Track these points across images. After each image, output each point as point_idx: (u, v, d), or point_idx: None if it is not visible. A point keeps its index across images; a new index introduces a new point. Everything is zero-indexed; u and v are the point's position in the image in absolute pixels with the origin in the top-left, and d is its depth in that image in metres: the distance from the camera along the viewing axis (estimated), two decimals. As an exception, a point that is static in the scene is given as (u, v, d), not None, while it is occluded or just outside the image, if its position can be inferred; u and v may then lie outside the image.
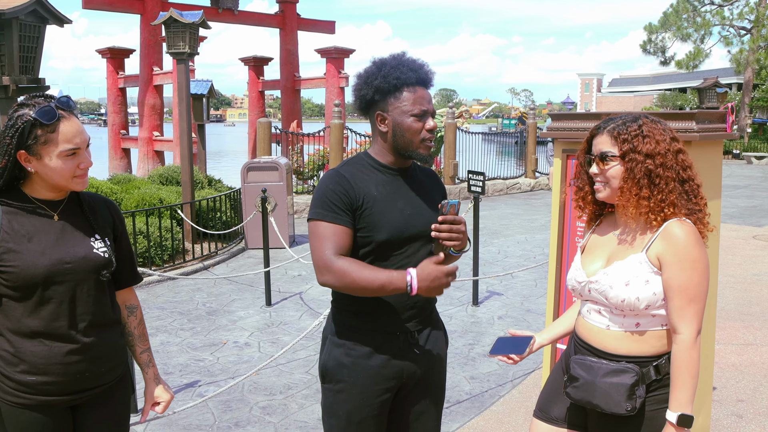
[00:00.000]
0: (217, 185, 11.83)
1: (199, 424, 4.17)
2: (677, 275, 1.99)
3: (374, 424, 2.28)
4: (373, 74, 2.21)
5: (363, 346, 2.24)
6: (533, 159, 17.22)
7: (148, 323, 6.20)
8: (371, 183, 2.23)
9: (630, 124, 2.09)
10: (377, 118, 2.24)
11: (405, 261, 2.23)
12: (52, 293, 1.97)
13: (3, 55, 7.36)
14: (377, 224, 2.19)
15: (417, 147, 2.22)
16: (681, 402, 1.97)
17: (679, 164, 2.07)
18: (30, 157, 1.94)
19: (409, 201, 2.26)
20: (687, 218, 2.05)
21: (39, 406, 1.99)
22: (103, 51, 20.99)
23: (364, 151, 2.34)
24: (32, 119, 1.90)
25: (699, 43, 32.21)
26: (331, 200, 2.16)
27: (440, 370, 2.40)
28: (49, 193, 2.03)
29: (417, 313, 2.28)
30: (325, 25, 23.04)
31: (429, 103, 2.22)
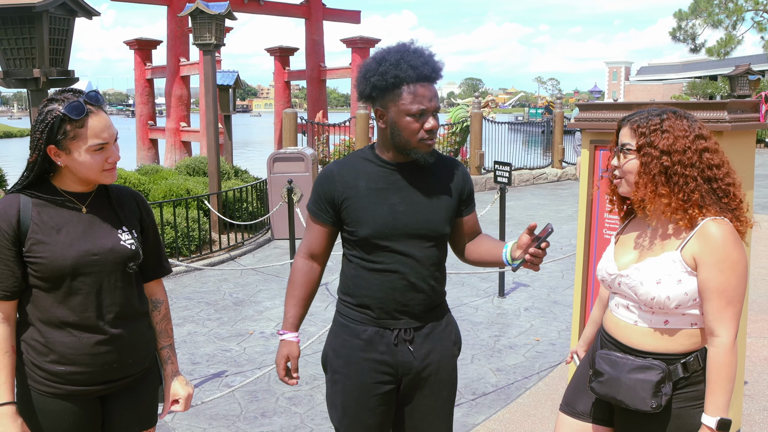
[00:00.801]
0: (243, 176, 11.90)
1: (226, 414, 4.21)
2: (715, 277, 1.94)
3: (371, 417, 2.26)
4: (371, 70, 2.14)
5: (356, 338, 2.25)
6: (560, 149, 17.05)
7: (176, 313, 6.27)
8: (362, 177, 2.20)
9: (652, 118, 2.03)
10: (376, 113, 2.19)
11: (398, 259, 2.19)
12: (80, 284, 2.00)
13: (34, 47, 7.44)
14: (360, 219, 2.18)
15: (415, 146, 2.15)
16: (719, 406, 1.93)
17: (703, 163, 1.99)
18: (59, 152, 1.97)
19: (405, 197, 2.20)
20: (723, 216, 1.99)
21: (69, 396, 2.03)
22: (130, 42, 21.19)
23: (371, 144, 2.32)
24: (61, 115, 1.92)
25: (731, 29, 31.56)
26: (317, 194, 2.27)
27: (445, 372, 2.32)
28: (78, 186, 2.05)
29: (413, 310, 2.24)
30: (351, 15, 23.01)
31: (430, 101, 2.12)
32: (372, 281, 2.22)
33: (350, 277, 2.28)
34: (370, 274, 2.22)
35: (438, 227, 2.25)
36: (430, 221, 2.23)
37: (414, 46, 2.16)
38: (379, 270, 2.21)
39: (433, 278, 2.27)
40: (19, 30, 7.30)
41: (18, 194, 2.01)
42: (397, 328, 2.23)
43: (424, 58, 2.13)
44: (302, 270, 2.32)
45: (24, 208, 1.98)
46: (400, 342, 2.23)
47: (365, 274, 2.23)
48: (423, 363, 2.26)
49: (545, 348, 5.28)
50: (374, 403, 2.25)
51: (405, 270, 2.20)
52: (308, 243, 2.32)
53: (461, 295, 6.75)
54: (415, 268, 2.21)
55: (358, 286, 2.24)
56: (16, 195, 2.01)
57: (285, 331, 2.29)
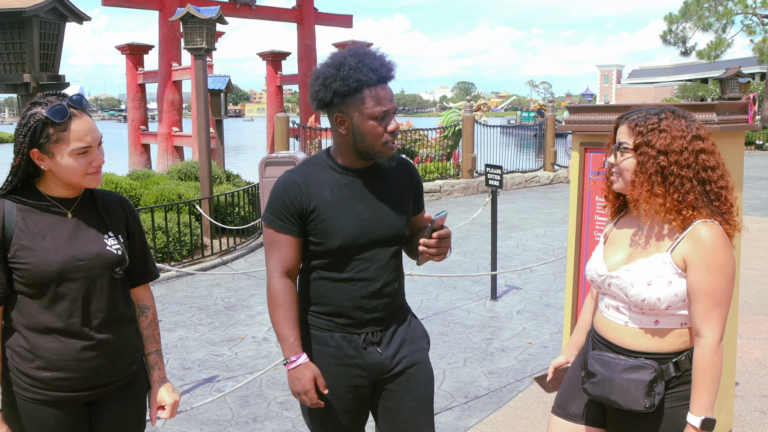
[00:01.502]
0: (235, 180, 11.87)
1: (218, 419, 4.19)
2: (704, 279, 1.95)
3: (347, 420, 2.26)
4: (331, 76, 2.08)
5: (325, 346, 2.22)
6: (552, 152, 17.09)
7: (167, 318, 6.25)
8: (326, 186, 2.16)
9: (650, 117, 2.03)
10: (336, 120, 2.14)
11: (364, 267, 2.18)
12: (65, 290, 1.98)
13: (24, 52, 7.41)
14: (330, 231, 2.13)
15: (379, 150, 2.12)
16: (703, 406, 1.94)
17: (699, 164, 1.99)
18: (43, 156, 1.95)
19: (369, 204, 2.18)
20: (713, 219, 2.00)
21: (55, 402, 2.01)
22: (122, 47, 21.12)
23: (326, 149, 2.26)
24: (44, 118, 1.91)
25: (721, 32, 31.74)
26: (279, 207, 2.16)
27: (420, 365, 2.31)
28: (63, 191, 2.04)
29: (379, 315, 2.23)
30: (343, 19, 23.01)
31: (390, 102, 2.10)
32: (338, 290, 2.19)
33: (313, 287, 2.23)
34: (335, 284, 2.19)
35: (401, 231, 2.25)
36: (393, 226, 2.22)
37: (365, 48, 2.14)
38: (345, 279, 2.18)
39: (397, 282, 2.27)
40: (9, 35, 7.27)
41: (2, 200, 2.00)
42: (364, 332, 2.22)
43: (380, 59, 2.11)
44: (285, 289, 2.18)
45: (9, 214, 1.97)
46: (368, 344, 2.22)
47: (329, 284, 2.20)
48: (394, 360, 2.26)
49: (537, 351, 5.28)
50: (349, 408, 2.25)
51: (371, 276, 2.19)
52: (282, 259, 2.18)
53: (453, 299, 6.75)
54: (380, 274, 2.21)
55: (322, 296, 2.21)
56: (0, 201, 1.99)
57: (296, 357, 2.13)
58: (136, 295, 2.24)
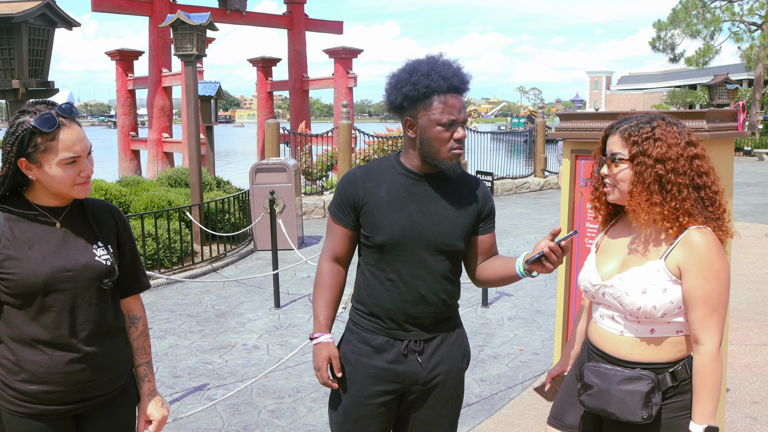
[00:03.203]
0: (225, 187, 11.83)
1: (208, 428, 4.15)
2: (700, 285, 1.94)
3: (372, 425, 2.26)
4: (403, 80, 2.15)
5: (366, 346, 2.25)
6: (542, 158, 17.15)
7: (157, 326, 6.21)
8: (384, 184, 2.22)
9: (643, 126, 2.02)
10: (406, 123, 2.20)
11: (411, 270, 2.20)
12: (52, 301, 1.95)
13: (12, 58, 7.38)
14: (377, 226, 2.20)
15: (444, 157, 2.16)
16: (705, 414, 1.93)
17: (694, 170, 1.99)
18: (30, 165, 1.92)
19: (423, 207, 2.21)
20: (706, 225, 1.99)
21: (41, 416, 1.97)
22: (112, 53, 21.08)
23: (396, 152, 2.33)
24: (31, 127, 1.88)
25: (709, 39, 32.04)
26: (338, 198, 2.29)
27: (452, 383, 2.31)
28: (51, 200, 2.01)
29: (423, 323, 2.24)
30: (333, 26, 23.06)
31: (459, 112, 2.15)
32: (383, 292, 2.22)
33: (363, 285, 2.29)
34: (382, 284, 2.23)
35: (453, 241, 2.23)
36: (445, 234, 2.21)
37: (443, 58, 2.19)
38: (391, 280, 2.22)
39: (445, 292, 2.26)
40: (-2, 41, 7.24)
41: None
42: (408, 339, 2.23)
43: (454, 69, 2.17)
44: (329, 272, 2.32)
45: None
46: (410, 352, 2.24)
47: (377, 284, 2.24)
48: (431, 374, 2.26)
49: (529, 357, 5.28)
50: (377, 411, 2.25)
51: (416, 282, 2.20)
52: (332, 246, 2.32)
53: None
54: (426, 281, 2.21)
55: (370, 295, 2.25)
56: None
57: (320, 334, 2.25)
58: (126, 306, 2.20)
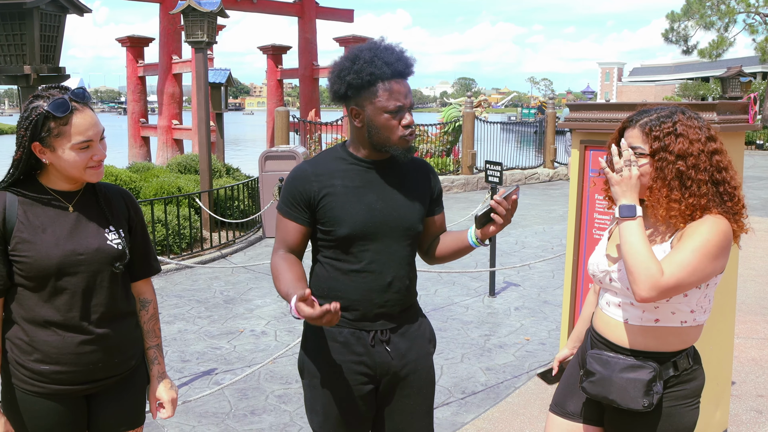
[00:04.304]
0: (235, 174, 11.87)
1: (216, 411, 4.20)
2: (687, 241, 1.92)
3: (353, 419, 2.24)
4: (345, 68, 2.09)
5: (333, 341, 2.21)
6: (552, 149, 17.10)
7: (166, 311, 6.26)
8: (337, 176, 2.17)
9: (665, 121, 1.99)
10: (351, 113, 2.15)
11: (375, 258, 2.16)
12: (65, 284, 1.98)
13: (24, 44, 7.39)
14: (338, 218, 2.14)
15: (394, 143, 2.13)
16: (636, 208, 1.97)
17: (713, 166, 1.97)
18: (44, 149, 1.95)
19: (381, 195, 2.18)
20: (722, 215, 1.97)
21: (53, 395, 2.01)
22: (122, 40, 21.08)
23: (342, 142, 2.28)
24: (45, 112, 1.91)
25: (723, 31, 31.71)
26: (288, 196, 2.20)
27: (423, 369, 2.31)
28: (64, 185, 2.04)
29: (390, 311, 2.22)
30: (344, 14, 22.96)
31: (405, 97, 2.10)
32: (348, 283, 2.18)
33: (324, 279, 2.23)
34: (345, 275, 2.18)
35: (414, 224, 2.23)
36: (405, 218, 2.21)
37: (385, 43, 2.13)
38: (356, 270, 2.17)
39: (408, 277, 2.26)
40: (10, 26, 7.25)
41: (4, 192, 1.99)
42: (374, 330, 2.21)
43: (397, 54, 2.11)
44: (286, 259, 2.18)
45: (10, 207, 1.97)
46: (377, 343, 2.21)
47: (340, 276, 2.19)
48: (401, 362, 2.25)
49: (535, 347, 5.30)
50: (355, 405, 2.23)
51: (382, 269, 2.18)
52: (284, 242, 2.21)
53: (452, 295, 6.76)
54: (392, 267, 2.20)
55: (333, 288, 2.20)
56: (2, 193, 1.99)
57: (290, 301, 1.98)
58: (137, 290, 2.24)
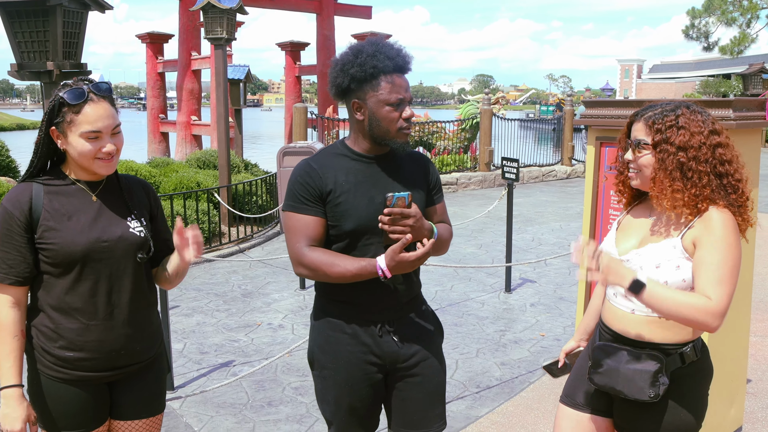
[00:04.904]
0: (253, 169, 11.97)
1: (233, 402, 4.27)
2: (711, 254, 1.97)
3: (363, 409, 2.30)
4: (349, 62, 2.16)
5: (341, 333, 2.26)
6: (570, 146, 17.03)
7: (185, 303, 6.35)
8: (341, 172, 2.21)
9: (667, 114, 2.05)
10: (353, 106, 2.20)
11: (378, 250, 2.19)
12: (90, 271, 2.05)
13: (47, 40, 7.53)
14: (344, 214, 2.18)
15: (394, 135, 2.18)
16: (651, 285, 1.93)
17: (716, 158, 2.02)
18: (59, 135, 2.03)
19: (382, 189, 2.21)
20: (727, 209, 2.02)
21: (77, 381, 2.08)
22: (142, 36, 21.27)
23: (341, 139, 2.32)
24: (60, 98, 1.99)
25: (745, 27, 31.36)
26: (299, 192, 2.20)
27: (432, 357, 2.35)
28: (86, 175, 2.10)
29: (395, 303, 2.27)
30: (362, 11, 22.98)
31: (406, 91, 2.18)
32: None
33: None
34: None
35: None
36: None
37: (384, 40, 2.21)
38: None
39: (412, 270, 2.27)
40: (33, 23, 7.39)
41: (30, 183, 2.06)
42: (381, 321, 2.26)
43: (397, 50, 2.18)
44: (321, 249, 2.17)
45: (36, 196, 2.03)
46: (384, 333, 2.27)
47: None
48: (409, 351, 2.29)
49: (550, 343, 5.32)
50: (365, 395, 2.28)
51: None
52: (306, 236, 2.17)
53: (468, 290, 6.79)
54: None
55: (339, 283, 2.21)
56: (28, 183, 2.06)
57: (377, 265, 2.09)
58: None
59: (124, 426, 2.19)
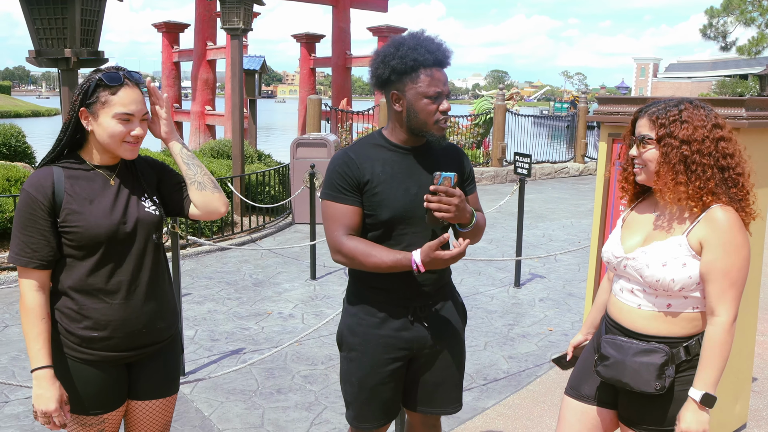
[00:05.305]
0: (266, 160, 12.02)
1: (243, 389, 4.33)
2: (720, 259, 2.00)
3: (385, 391, 2.38)
4: (390, 54, 2.21)
5: (373, 317, 2.34)
6: (583, 143, 16.99)
7: (197, 291, 6.42)
8: (378, 162, 2.27)
9: (671, 109, 2.09)
10: (392, 97, 2.26)
11: (412, 241, 2.27)
12: (112, 252, 2.10)
13: (65, 27, 7.57)
14: (381, 204, 2.25)
15: (430, 128, 2.23)
16: (707, 382, 2.00)
17: (719, 152, 2.05)
18: (89, 115, 2.08)
19: (417, 180, 2.28)
20: (729, 205, 2.06)
21: (100, 362, 2.13)
22: (158, 25, 21.38)
23: (378, 130, 2.37)
24: (98, 79, 2.04)
25: (764, 27, 31.05)
26: (337, 181, 2.27)
27: (455, 344, 2.46)
28: (104, 158, 2.15)
29: (427, 290, 2.35)
30: (378, 3, 22.96)
31: (444, 84, 2.23)
32: None
33: None
34: None
35: None
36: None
37: (426, 34, 2.25)
38: None
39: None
40: (52, 10, 7.43)
41: (51, 167, 2.11)
42: (412, 307, 2.34)
43: (437, 44, 2.23)
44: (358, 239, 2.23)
45: (58, 180, 2.08)
46: (416, 319, 2.35)
47: None
48: (436, 337, 2.38)
49: (558, 338, 5.34)
50: (388, 378, 2.37)
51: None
52: (344, 225, 2.24)
53: (477, 284, 6.82)
54: None
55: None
56: (48, 168, 2.11)
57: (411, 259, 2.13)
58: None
59: (141, 406, 2.25)
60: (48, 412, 2.04)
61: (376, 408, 2.40)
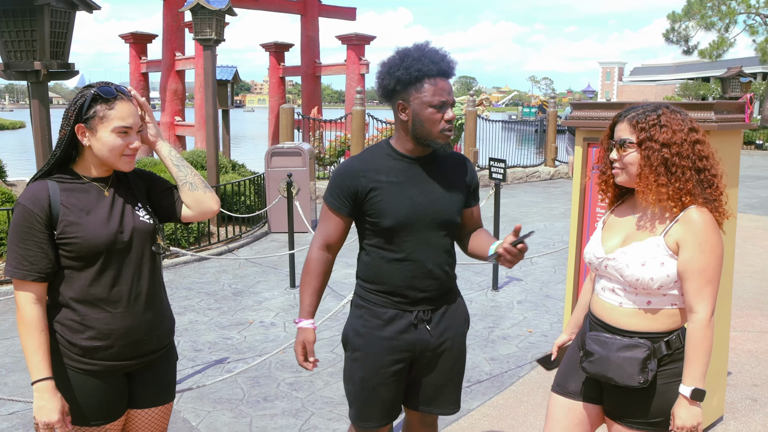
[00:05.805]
0: (240, 170, 12.00)
1: (230, 397, 4.34)
2: (697, 258, 2.10)
3: (387, 391, 2.45)
4: (395, 65, 2.29)
5: (377, 319, 2.42)
6: (553, 147, 17.23)
7: (177, 302, 6.40)
8: (383, 171, 2.35)
9: (650, 114, 2.19)
10: (398, 107, 2.33)
11: (416, 248, 2.36)
12: (112, 261, 2.13)
13: (35, 40, 7.53)
14: (384, 211, 2.33)
15: (436, 137, 2.30)
16: (695, 377, 2.10)
17: (695, 154, 2.16)
18: (86, 131, 2.10)
19: (423, 189, 2.36)
20: (704, 206, 2.16)
21: (102, 372, 2.15)
22: (126, 36, 21.20)
23: (386, 139, 2.45)
24: (94, 93, 2.08)
25: (723, 31, 31.81)
26: (336, 187, 2.40)
27: (458, 347, 2.53)
28: (97, 171, 2.18)
29: (431, 295, 2.43)
30: (346, 12, 23.06)
31: (449, 94, 2.30)
32: (392, 271, 2.38)
33: (370, 266, 2.44)
34: (390, 264, 2.39)
35: (452, 217, 2.42)
36: (445, 212, 2.40)
37: (430, 45, 2.33)
38: (399, 260, 2.38)
39: (447, 264, 2.45)
40: (21, 22, 7.38)
41: (45, 180, 2.13)
42: (416, 310, 2.41)
43: (441, 54, 2.31)
44: (319, 260, 2.45)
45: (53, 193, 2.10)
46: (419, 322, 2.42)
47: (385, 264, 2.40)
48: (439, 340, 2.46)
49: (537, 339, 5.44)
50: (390, 379, 2.44)
51: (423, 258, 2.38)
52: (325, 234, 2.44)
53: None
54: (431, 256, 2.39)
55: (378, 274, 2.41)
56: (43, 181, 2.12)
57: (301, 319, 2.44)
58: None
59: (140, 414, 2.28)
60: (51, 424, 2.05)
61: (377, 407, 2.47)
